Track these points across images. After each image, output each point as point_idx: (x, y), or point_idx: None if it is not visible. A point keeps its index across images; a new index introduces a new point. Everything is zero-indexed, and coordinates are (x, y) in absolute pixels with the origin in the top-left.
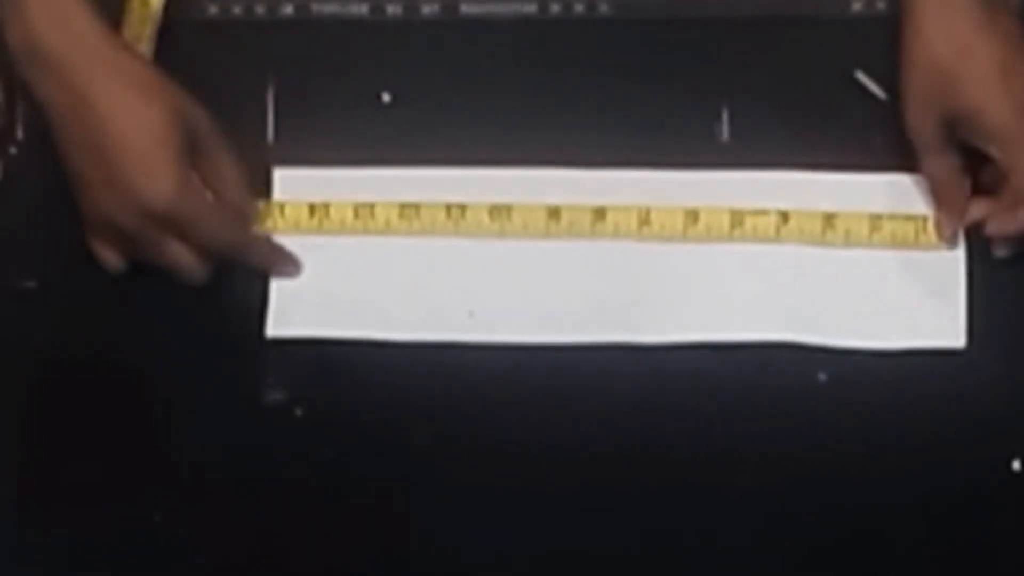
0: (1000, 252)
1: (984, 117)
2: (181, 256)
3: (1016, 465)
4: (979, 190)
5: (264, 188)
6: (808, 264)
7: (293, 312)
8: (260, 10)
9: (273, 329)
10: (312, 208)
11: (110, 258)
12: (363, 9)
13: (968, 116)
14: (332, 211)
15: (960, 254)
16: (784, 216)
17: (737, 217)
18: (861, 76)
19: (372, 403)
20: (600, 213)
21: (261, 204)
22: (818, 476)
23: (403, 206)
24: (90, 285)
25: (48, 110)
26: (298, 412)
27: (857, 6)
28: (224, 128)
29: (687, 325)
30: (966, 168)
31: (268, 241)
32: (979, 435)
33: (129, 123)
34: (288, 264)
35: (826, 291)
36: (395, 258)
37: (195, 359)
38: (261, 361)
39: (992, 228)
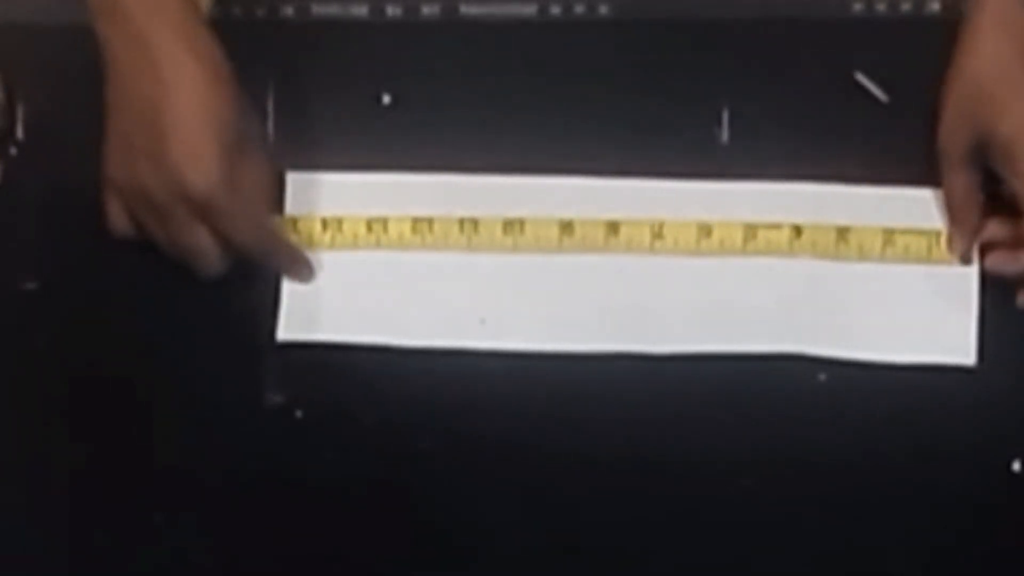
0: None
1: (1015, 149)
2: (204, 243)
3: (1016, 466)
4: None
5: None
6: (821, 277)
7: (304, 317)
8: (260, 11)
9: (284, 333)
10: (325, 223)
11: (119, 222)
12: (363, 10)
13: (1000, 144)
14: (345, 226)
15: (973, 271)
16: (797, 230)
17: (750, 231)
18: (861, 77)
19: (375, 407)
20: (613, 227)
21: (275, 218)
22: (821, 480)
23: (416, 220)
24: (90, 286)
25: (112, 67)
26: (298, 414)
27: (857, 7)
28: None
29: (699, 337)
30: (982, 187)
31: (290, 245)
32: (982, 440)
33: (192, 104)
34: (304, 268)
35: (838, 304)
36: (407, 269)
37: (196, 360)
38: (262, 363)
39: (991, 263)
